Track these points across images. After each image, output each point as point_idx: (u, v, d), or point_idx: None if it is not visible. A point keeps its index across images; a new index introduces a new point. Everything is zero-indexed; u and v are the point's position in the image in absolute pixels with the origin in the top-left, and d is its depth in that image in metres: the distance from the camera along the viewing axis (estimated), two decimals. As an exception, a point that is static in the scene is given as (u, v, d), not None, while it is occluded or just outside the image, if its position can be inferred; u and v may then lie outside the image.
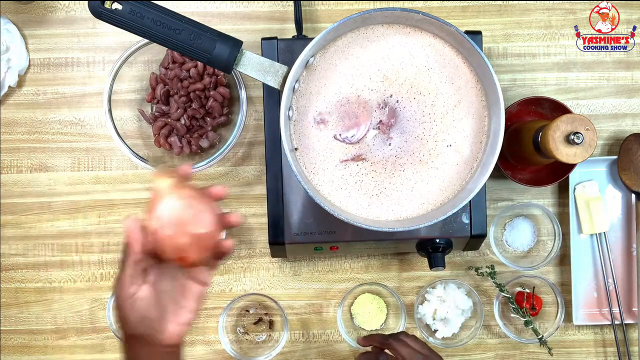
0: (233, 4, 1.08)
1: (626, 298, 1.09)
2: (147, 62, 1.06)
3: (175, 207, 0.64)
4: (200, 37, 0.79)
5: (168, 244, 0.64)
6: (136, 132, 1.06)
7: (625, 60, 1.09)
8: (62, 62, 1.08)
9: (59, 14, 1.08)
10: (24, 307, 1.08)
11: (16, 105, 1.08)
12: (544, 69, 1.09)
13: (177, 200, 0.65)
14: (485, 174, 0.84)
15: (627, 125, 1.09)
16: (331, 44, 0.86)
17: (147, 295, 0.67)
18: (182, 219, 0.64)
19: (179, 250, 0.65)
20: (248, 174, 1.09)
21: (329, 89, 0.86)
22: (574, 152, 0.89)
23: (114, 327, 1.05)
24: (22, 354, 1.08)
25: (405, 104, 0.87)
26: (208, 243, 0.66)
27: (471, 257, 1.10)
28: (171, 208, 0.64)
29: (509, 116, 1.02)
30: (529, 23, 1.09)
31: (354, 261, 1.10)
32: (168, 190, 0.66)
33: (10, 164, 1.08)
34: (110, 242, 1.08)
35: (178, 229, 0.64)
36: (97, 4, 0.77)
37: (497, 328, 1.09)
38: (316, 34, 0.85)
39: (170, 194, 0.65)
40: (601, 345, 1.10)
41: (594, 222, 1.06)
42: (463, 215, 0.94)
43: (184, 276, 0.69)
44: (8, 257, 1.08)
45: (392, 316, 1.10)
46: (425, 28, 0.87)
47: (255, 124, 1.08)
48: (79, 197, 1.08)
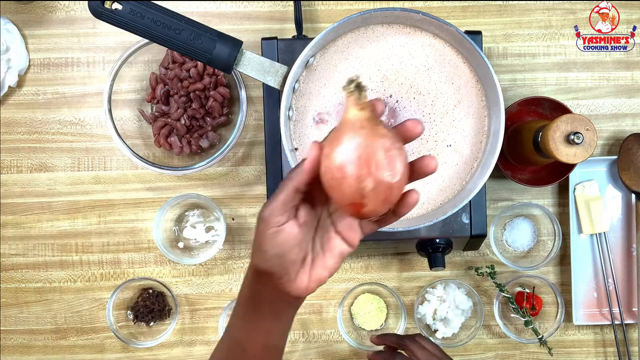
0: (233, 4, 1.08)
1: (626, 298, 1.09)
2: (147, 62, 1.06)
3: (366, 145, 0.55)
4: (200, 37, 0.79)
5: (347, 184, 0.55)
6: (136, 132, 1.06)
7: (625, 60, 1.09)
8: (62, 62, 1.08)
9: (59, 14, 1.08)
10: (24, 307, 1.08)
11: (16, 105, 1.08)
12: (544, 69, 1.09)
13: (369, 137, 0.55)
14: (485, 174, 0.84)
15: (627, 125, 1.09)
16: (331, 44, 0.86)
17: (292, 231, 0.59)
18: (371, 160, 0.55)
19: (356, 194, 0.55)
20: (248, 174, 1.09)
21: (329, 89, 0.86)
22: (574, 152, 0.89)
23: (114, 327, 1.05)
24: (22, 354, 1.08)
25: (405, 104, 0.87)
26: (393, 194, 0.57)
27: (471, 257, 1.10)
28: (361, 145, 0.55)
29: (509, 116, 1.02)
30: (529, 23, 1.09)
31: (354, 261, 1.10)
32: (360, 123, 0.56)
33: (10, 164, 1.08)
34: (110, 242, 1.08)
35: (364, 169, 0.55)
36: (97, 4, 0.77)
37: (497, 328, 1.09)
38: (316, 34, 0.85)
39: (360, 128, 0.56)
40: (601, 345, 1.10)
41: (594, 222, 1.06)
42: (463, 215, 0.94)
43: (332, 229, 0.62)
44: (8, 257, 1.08)
45: (392, 316, 1.10)
46: (425, 28, 0.87)
47: (255, 124, 1.08)
48: (79, 197, 1.08)
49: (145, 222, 1.08)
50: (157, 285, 1.08)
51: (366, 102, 0.57)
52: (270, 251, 0.59)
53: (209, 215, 1.09)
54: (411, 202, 0.59)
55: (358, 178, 0.55)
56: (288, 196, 0.58)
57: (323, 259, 0.62)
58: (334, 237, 0.62)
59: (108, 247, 1.08)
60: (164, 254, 1.05)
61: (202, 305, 1.09)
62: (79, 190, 1.08)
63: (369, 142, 0.55)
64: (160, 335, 1.07)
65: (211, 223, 1.09)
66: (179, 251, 1.08)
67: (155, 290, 1.09)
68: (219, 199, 1.08)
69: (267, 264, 0.60)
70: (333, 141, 0.56)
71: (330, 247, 0.62)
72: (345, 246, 0.62)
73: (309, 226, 0.61)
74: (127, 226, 1.08)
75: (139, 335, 1.08)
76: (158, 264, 1.08)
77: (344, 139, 0.56)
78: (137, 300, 1.08)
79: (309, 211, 0.61)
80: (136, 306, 1.08)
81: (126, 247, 1.08)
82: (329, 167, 0.56)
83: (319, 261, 0.62)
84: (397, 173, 0.56)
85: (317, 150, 0.57)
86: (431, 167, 0.59)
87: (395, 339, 0.95)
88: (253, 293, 0.64)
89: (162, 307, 1.07)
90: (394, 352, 0.95)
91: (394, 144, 0.56)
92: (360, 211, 0.57)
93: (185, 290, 1.09)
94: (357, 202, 0.56)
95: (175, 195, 1.06)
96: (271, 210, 0.58)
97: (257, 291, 0.63)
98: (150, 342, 1.07)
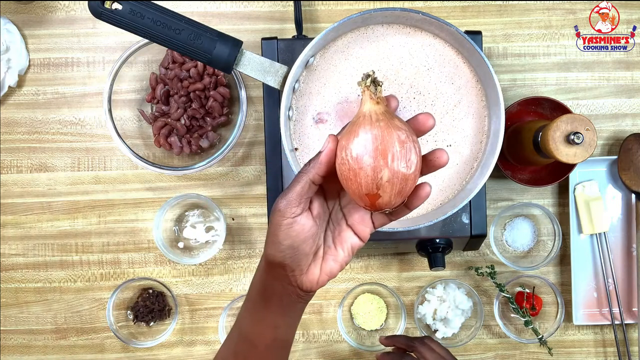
0: (233, 4, 1.08)
1: (626, 298, 1.09)
2: (147, 62, 1.06)
3: (382, 137, 0.56)
4: (200, 37, 0.79)
5: (363, 174, 0.56)
6: (136, 132, 1.06)
7: (625, 60, 1.09)
8: (62, 62, 1.08)
9: (59, 14, 1.08)
10: (24, 307, 1.08)
11: (16, 105, 1.08)
12: (544, 69, 1.09)
13: (384, 129, 0.56)
14: (485, 174, 0.84)
15: (627, 125, 1.09)
16: (331, 44, 0.86)
17: (307, 224, 0.60)
18: (388, 151, 0.56)
19: (372, 185, 0.56)
20: (248, 174, 1.09)
21: (329, 89, 0.86)
22: (574, 152, 0.89)
23: (114, 327, 1.05)
24: (22, 354, 1.08)
25: (405, 103, 0.87)
26: (408, 185, 0.58)
27: (471, 257, 1.10)
28: (378, 137, 0.56)
29: (509, 116, 1.02)
30: (529, 23, 1.09)
31: (354, 261, 1.10)
32: (376, 116, 0.57)
33: (10, 164, 1.08)
34: (110, 242, 1.08)
35: (380, 160, 0.56)
36: (97, 4, 0.77)
37: (497, 328, 1.09)
38: (316, 34, 0.85)
39: (377, 121, 0.57)
40: (601, 345, 1.10)
41: (594, 222, 1.06)
42: (463, 215, 0.94)
43: (344, 222, 0.63)
44: (8, 257, 1.08)
45: (392, 316, 1.10)
46: (425, 28, 0.87)
47: (255, 124, 1.08)
48: (79, 197, 1.08)
49: (145, 222, 1.08)
50: (157, 285, 1.08)
51: (382, 97, 0.58)
52: (285, 242, 0.60)
53: (209, 215, 1.09)
54: (424, 194, 0.60)
55: (374, 169, 0.56)
56: (304, 188, 0.59)
57: (335, 252, 0.62)
58: (345, 230, 0.62)
59: (108, 247, 1.08)
60: (164, 254, 1.05)
61: (202, 305, 1.09)
62: (79, 190, 1.08)
63: (386, 134, 0.56)
64: (160, 335, 1.07)
65: (211, 223, 1.09)
66: (179, 251, 1.08)
67: (155, 290, 1.09)
68: (219, 199, 1.08)
69: (281, 255, 0.61)
70: (350, 133, 0.57)
71: (341, 240, 0.62)
72: (356, 239, 0.63)
73: (322, 219, 0.62)
74: (127, 226, 1.08)
75: (139, 335, 1.08)
76: (158, 264, 1.08)
77: (360, 131, 0.57)
78: (137, 300, 1.08)
79: (322, 204, 0.62)
80: (136, 306, 1.08)
81: (126, 247, 1.08)
82: (345, 159, 0.57)
83: (330, 254, 0.62)
84: (412, 165, 0.57)
85: (334, 142, 0.58)
86: (443, 159, 0.60)
87: (405, 341, 0.95)
88: (264, 286, 0.64)
89: (162, 307, 1.07)
90: (403, 353, 0.95)
91: (409, 137, 0.57)
92: (376, 202, 0.57)
93: (185, 290, 1.09)
94: (373, 193, 0.57)
95: (175, 195, 1.06)
96: (287, 202, 0.59)
97: (268, 284, 0.64)
98: (150, 342, 1.07)
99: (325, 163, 0.59)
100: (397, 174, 0.56)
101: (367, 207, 0.59)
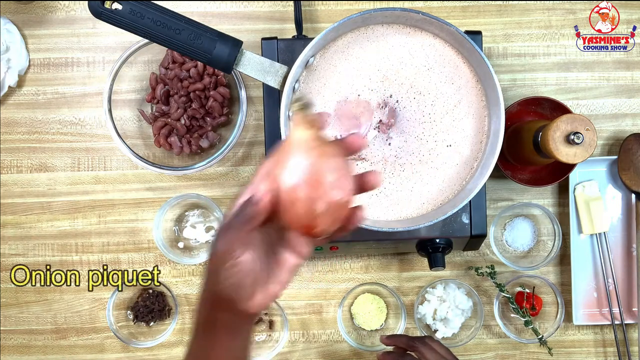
0: (233, 4, 1.08)
1: (626, 298, 1.09)
2: (147, 62, 1.06)
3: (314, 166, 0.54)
4: (200, 37, 0.79)
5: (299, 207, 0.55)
6: (136, 132, 1.06)
7: (625, 60, 1.09)
8: (62, 62, 1.08)
9: (59, 14, 1.08)
10: (24, 307, 1.08)
11: (16, 105, 1.08)
12: (544, 69, 1.09)
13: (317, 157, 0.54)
14: (485, 174, 0.84)
15: (627, 125, 1.09)
16: (331, 44, 0.86)
17: (248, 260, 0.59)
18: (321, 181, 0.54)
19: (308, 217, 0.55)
20: (248, 174, 1.09)
21: (329, 89, 0.86)
22: (574, 152, 0.89)
23: (114, 327, 1.05)
24: (22, 354, 1.08)
25: (405, 104, 0.87)
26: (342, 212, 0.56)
27: (471, 257, 1.10)
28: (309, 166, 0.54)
29: (509, 116, 1.02)
30: (529, 23, 1.09)
31: (354, 261, 1.10)
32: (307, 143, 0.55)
33: (10, 164, 1.08)
34: (110, 242, 1.08)
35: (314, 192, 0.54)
36: (97, 4, 0.77)
37: (497, 328, 1.09)
38: (316, 34, 0.85)
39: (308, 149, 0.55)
40: (601, 345, 1.10)
41: (594, 222, 1.06)
42: (463, 215, 0.94)
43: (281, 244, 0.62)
44: (8, 257, 1.08)
45: (392, 316, 1.10)
46: (425, 28, 0.87)
47: (255, 124, 1.08)
48: (78, 197, 1.08)
49: (145, 222, 1.08)
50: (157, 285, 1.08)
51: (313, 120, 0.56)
52: (227, 282, 0.60)
53: (209, 215, 1.09)
54: (359, 217, 0.60)
55: (310, 201, 0.55)
56: (246, 232, 0.59)
57: (275, 274, 0.62)
58: (283, 251, 0.62)
59: (108, 247, 1.08)
60: (164, 254, 1.05)
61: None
62: (79, 190, 1.08)
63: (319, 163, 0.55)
64: (160, 335, 1.07)
65: (211, 223, 1.09)
66: (179, 251, 1.08)
67: (155, 290, 1.09)
68: (219, 199, 1.08)
69: (223, 293, 0.60)
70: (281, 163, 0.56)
71: (281, 261, 0.62)
72: (296, 259, 0.62)
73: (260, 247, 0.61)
74: (127, 226, 1.08)
75: (139, 335, 1.08)
76: (158, 264, 1.08)
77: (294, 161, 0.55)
78: (137, 300, 1.08)
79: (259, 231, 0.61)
80: (136, 306, 1.08)
81: (126, 247, 1.08)
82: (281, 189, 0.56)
83: (272, 277, 0.62)
84: (346, 191, 0.56)
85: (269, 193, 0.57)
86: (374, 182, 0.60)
87: (406, 340, 0.94)
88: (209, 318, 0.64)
89: (162, 307, 1.07)
90: (404, 353, 0.95)
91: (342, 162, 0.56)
92: (312, 232, 0.57)
93: (185, 290, 1.09)
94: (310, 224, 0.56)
95: (175, 195, 1.06)
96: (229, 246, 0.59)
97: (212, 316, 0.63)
98: (150, 342, 1.07)
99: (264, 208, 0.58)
100: (332, 203, 0.55)
101: (303, 236, 0.58)
